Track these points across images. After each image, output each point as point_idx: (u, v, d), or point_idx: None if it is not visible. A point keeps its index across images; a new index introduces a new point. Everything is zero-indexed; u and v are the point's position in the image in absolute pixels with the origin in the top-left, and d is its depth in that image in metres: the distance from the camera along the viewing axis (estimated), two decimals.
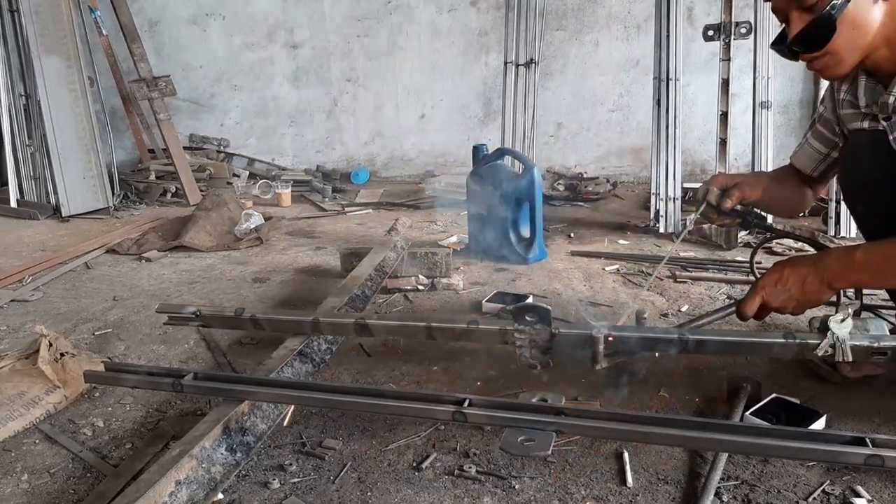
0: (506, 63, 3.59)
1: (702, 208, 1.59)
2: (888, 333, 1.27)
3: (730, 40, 3.04)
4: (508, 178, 2.64)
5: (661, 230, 3.02)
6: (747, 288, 2.29)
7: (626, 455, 1.29)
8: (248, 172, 4.34)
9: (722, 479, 1.23)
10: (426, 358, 1.78)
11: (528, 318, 1.32)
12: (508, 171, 2.68)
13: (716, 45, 3.07)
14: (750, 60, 3.11)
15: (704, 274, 2.44)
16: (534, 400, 1.08)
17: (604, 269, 2.55)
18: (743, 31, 3.05)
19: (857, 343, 1.23)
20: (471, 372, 1.71)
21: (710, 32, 3.10)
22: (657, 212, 3.06)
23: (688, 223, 1.72)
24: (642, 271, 2.51)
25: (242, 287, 2.43)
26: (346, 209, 3.65)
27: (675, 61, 3.03)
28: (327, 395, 1.21)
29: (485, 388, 1.64)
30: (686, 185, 3.77)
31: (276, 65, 4.57)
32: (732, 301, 1.79)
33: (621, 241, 2.94)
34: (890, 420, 1.43)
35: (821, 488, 1.20)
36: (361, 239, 2.98)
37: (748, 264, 2.50)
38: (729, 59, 3.06)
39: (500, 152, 2.70)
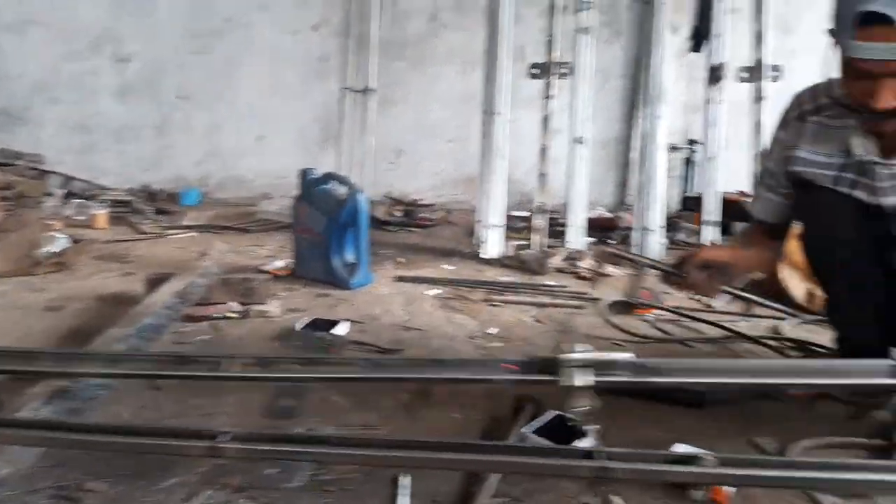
0: (343, 89, 3.61)
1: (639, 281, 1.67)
2: None
3: (552, 79, 3.24)
4: (335, 202, 2.63)
5: (484, 256, 3.12)
6: (553, 311, 2.42)
7: (402, 480, 1.30)
8: (63, 191, 4.03)
9: (494, 496, 1.27)
10: (219, 389, 1.71)
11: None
12: (335, 195, 2.67)
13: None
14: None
15: (516, 298, 2.55)
16: (299, 430, 1.06)
17: (425, 293, 2.59)
18: (564, 71, 3.26)
19: None
20: (266, 403, 1.66)
21: (535, 71, 3.29)
22: (481, 239, 3.17)
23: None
24: (461, 295, 2.58)
25: (31, 316, 2.22)
26: (169, 232, 3.48)
27: (500, 96, 3.18)
28: (76, 435, 1.12)
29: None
30: (515, 213, 3.97)
31: (102, 78, 4.30)
32: None
33: (447, 267, 3.01)
34: (672, 430, 1.55)
35: (581, 499, 1.27)
36: (179, 264, 2.83)
37: (559, 287, 2.66)
38: (551, 97, 3.26)
39: (328, 177, 2.69)
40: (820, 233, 1.66)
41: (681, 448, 1.42)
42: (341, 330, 2.08)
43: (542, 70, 3.24)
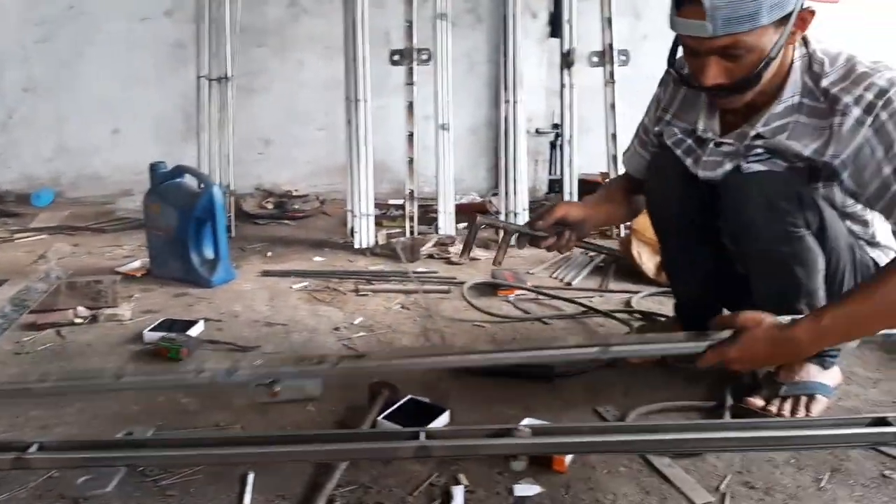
0: (199, 77, 3.47)
1: (506, 247, 1.75)
2: None
3: (413, 66, 3.25)
4: (188, 197, 2.53)
5: (357, 245, 3.11)
6: (421, 298, 2.44)
7: (250, 477, 1.28)
8: None
9: (341, 485, 1.28)
10: (62, 399, 1.62)
11: None
12: (188, 189, 2.57)
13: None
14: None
15: (385, 286, 2.56)
16: (119, 436, 1.02)
17: (291, 287, 2.55)
18: (424, 57, 3.28)
19: None
20: (111, 410, 1.59)
21: (396, 57, 3.29)
22: (352, 228, 3.15)
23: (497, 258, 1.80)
24: (329, 287, 2.55)
25: None
26: (17, 236, 3.23)
27: (362, 83, 3.16)
28: None
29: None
30: (392, 201, 3.98)
31: None
32: None
33: (317, 258, 2.97)
34: (523, 405, 1.61)
35: (428, 481, 1.30)
36: (22, 269, 2.64)
37: (428, 273, 2.69)
38: (413, 83, 3.27)
39: (179, 170, 2.58)
40: (654, 189, 1.76)
41: (526, 422, 1.48)
42: (195, 330, 2.01)
43: (402, 56, 3.24)
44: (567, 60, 3.24)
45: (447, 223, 3.27)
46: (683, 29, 1.39)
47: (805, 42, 1.48)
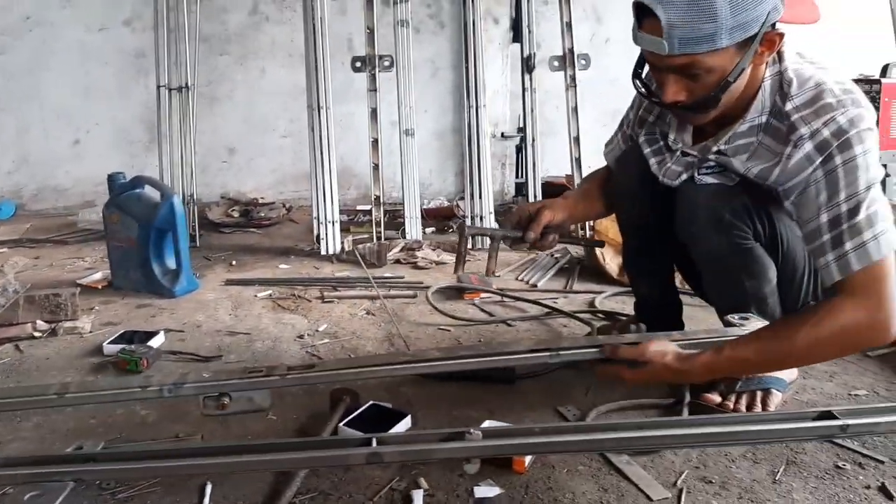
0: (159, 87, 3.44)
1: (496, 254, 1.73)
2: None
3: (375, 72, 3.26)
4: (148, 207, 2.51)
5: (323, 252, 3.10)
6: (386, 303, 2.43)
7: (208, 487, 1.27)
8: None
9: (300, 492, 1.28)
10: (19, 414, 1.59)
11: None
12: (148, 200, 2.54)
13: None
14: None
15: (350, 292, 2.56)
16: (69, 450, 1.01)
17: (255, 295, 2.54)
18: (386, 63, 3.28)
19: None
20: (68, 424, 1.57)
21: (358, 64, 3.29)
22: (318, 235, 3.14)
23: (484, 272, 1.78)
24: (294, 294, 2.54)
25: None
26: None
27: (323, 90, 3.15)
28: None
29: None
30: (360, 207, 3.98)
31: None
32: None
33: (282, 266, 2.95)
34: (485, 408, 1.62)
35: (388, 486, 1.30)
36: None
37: (395, 279, 2.69)
38: (376, 90, 3.27)
39: (138, 181, 2.56)
40: (619, 186, 1.78)
41: (487, 424, 1.49)
42: (156, 342, 1.98)
43: (364, 63, 3.25)
44: (528, 65, 3.28)
45: (414, 228, 3.28)
46: (643, 44, 1.37)
47: (780, 59, 1.43)
